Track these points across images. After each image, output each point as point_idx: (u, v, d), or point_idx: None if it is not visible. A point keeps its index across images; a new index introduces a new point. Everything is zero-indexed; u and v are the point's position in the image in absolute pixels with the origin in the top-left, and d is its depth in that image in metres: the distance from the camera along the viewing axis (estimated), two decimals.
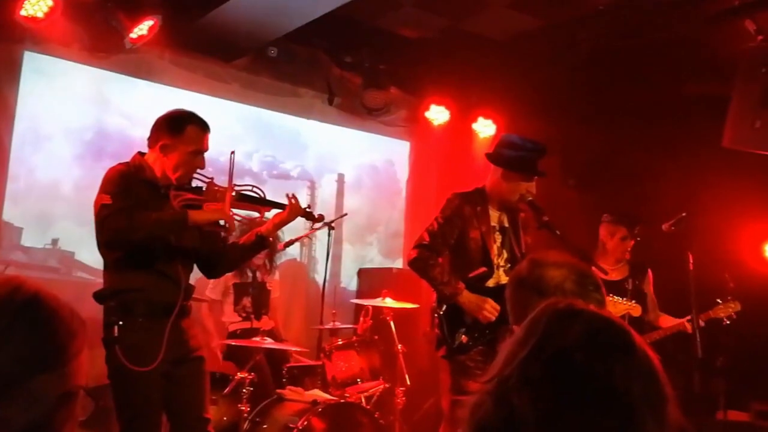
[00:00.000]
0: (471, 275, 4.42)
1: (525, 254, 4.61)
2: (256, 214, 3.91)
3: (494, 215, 4.54)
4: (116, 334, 3.50)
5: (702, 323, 5.09)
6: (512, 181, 4.44)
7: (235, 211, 3.76)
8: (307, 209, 4.00)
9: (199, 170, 3.76)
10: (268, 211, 3.91)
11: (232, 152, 3.77)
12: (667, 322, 5.38)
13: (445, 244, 4.46)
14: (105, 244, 3.60)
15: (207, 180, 3.77)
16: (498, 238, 4.53)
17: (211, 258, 3.92)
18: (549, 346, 1.30)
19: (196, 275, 3.91)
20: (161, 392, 3.58)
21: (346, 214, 6.58)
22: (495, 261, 4.48)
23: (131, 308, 3.54)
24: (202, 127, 3.73)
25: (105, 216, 3.49)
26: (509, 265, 4.50)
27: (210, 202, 3.68)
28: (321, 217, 4.11)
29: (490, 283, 4.46)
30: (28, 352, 1.32)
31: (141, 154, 3.76)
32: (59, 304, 1.38)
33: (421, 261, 4.42)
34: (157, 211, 3.56)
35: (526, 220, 4.66)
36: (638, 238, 5.28)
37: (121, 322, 3.51)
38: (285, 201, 3.88)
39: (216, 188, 3.73)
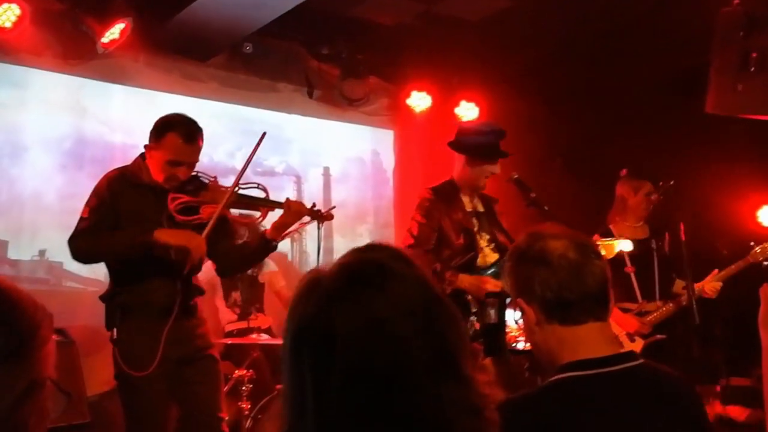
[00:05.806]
0: (459, 263, 4.46)
1: (507, 234, 4.70)
2: (258, 213, 3.78)
3: (467, 202, 4.67)
4: (115, 337, 3.49)
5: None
6: (476, 165, 4.59)
7: (237, 210, 3.70)
8: (314, 208, 3.85)
9: (199, 171, 3.68)
10: (272, 210, 3.77)
11: (264, 133, 3.74)
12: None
13: (428, 239, 4.53)
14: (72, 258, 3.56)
15: (210, 179, 3.70)
16: (475, 222, 4.64)
17: (216, 260, 3.85)
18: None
19: None
20: (165, 393, 3.54)
21: (334, 207, 6.50)
22: (479, 243, 4.57)
23: (128, 310, 3.51)
24: (185, 137, 3.54)
25: (73, 234, 3.48)
26: (493, 244, 4.60)
27: (208, 204, 3.58)
28: (330, 215, 3.94)
29: (480, 263, 4.53)
30: None
31: (143, 157, 3.67)
32: (21, 296, 1.37)
33: None
34: (131, 228, 3.50)
35: (500, 208, 4.80)
36: (662, 196, 4.98)
37: (119, 324, 3.49)
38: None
39: (217, 189, 3.65)
